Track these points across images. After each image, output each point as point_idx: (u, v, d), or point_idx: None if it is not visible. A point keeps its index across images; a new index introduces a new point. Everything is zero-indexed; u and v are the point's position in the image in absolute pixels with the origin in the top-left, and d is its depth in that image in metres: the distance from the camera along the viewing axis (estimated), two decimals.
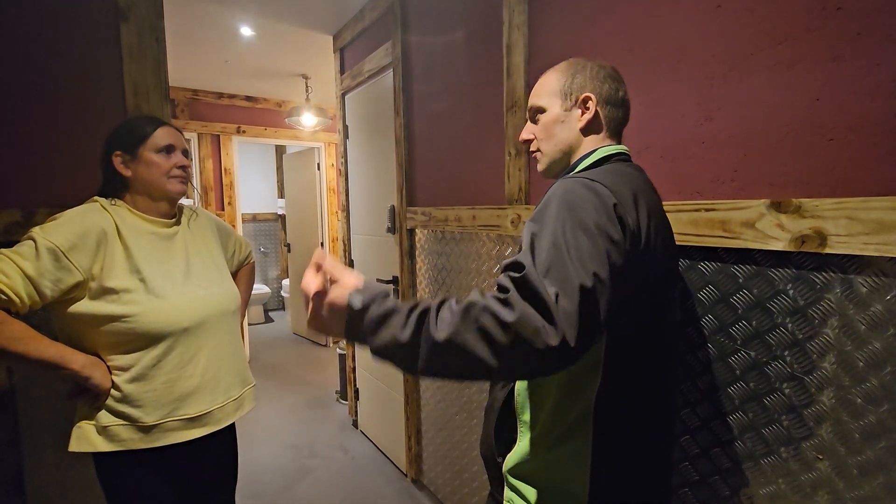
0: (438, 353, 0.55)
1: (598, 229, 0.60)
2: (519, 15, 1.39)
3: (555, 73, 0.83)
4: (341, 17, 2.49)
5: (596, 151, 0.79)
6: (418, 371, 0.57)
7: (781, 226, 0.81)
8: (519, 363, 0.54)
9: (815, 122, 0.80)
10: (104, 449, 0.99)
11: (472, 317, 0.54)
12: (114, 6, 1.34)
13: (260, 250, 5.79)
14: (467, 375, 0.59)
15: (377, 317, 0.59)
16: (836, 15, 0.77)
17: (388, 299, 0.61)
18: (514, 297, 0.54)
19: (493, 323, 0.53)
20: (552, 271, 0.56)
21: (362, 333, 0.60)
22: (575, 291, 0.54)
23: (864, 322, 0.74)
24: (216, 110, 4.05)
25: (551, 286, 0.54)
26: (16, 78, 1.23)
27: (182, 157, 1.10)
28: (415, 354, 0.57)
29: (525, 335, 0.52)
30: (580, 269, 0.56)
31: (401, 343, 0.57)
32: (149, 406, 1.01)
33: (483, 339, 0.53)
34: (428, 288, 2.00)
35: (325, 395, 3.37)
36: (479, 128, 1.63)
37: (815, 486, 0.82)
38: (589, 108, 0.79)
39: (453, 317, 0.56)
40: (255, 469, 2.41)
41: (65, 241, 0.93)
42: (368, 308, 0.60)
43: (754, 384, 0.89)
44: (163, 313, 1.01)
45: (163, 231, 1.10)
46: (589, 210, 0.62)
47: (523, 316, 0.52)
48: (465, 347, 0.54)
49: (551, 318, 0.52)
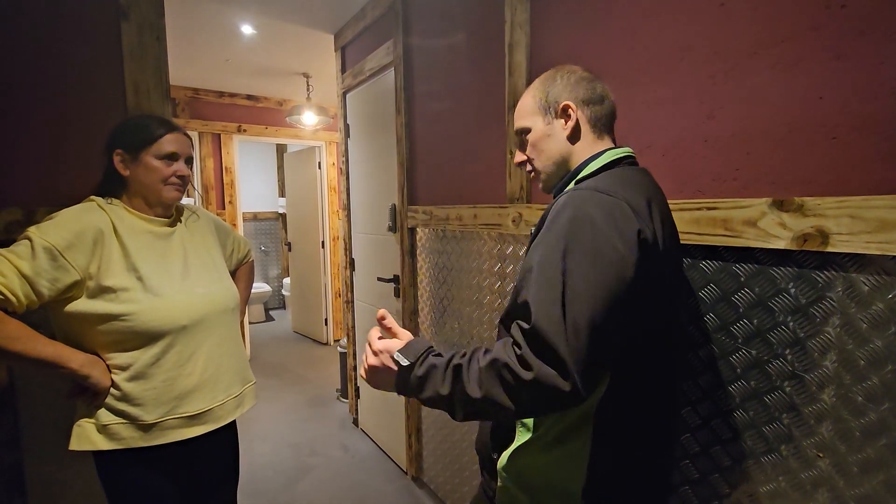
0: (473, 405, 0.66)
1: (607, 256, 0.62)
2: (521, 13, 1.39)
3: (529, 94, 0.86)
4: (342, 15, 2.48)
5: (604, 154, 0.79)
6: (461, 418, 0.68)
7: (783, 224, 0.81)
8: (538, 408, 0.65)
9: (817, 121, 0.80)
10: (104, 447, 0.99)
11: (496, 374, 0.63)
12: (114, 5, 1.34)
13: (261, 249, 5.80)
14: (498, 418, 0.78)
15: (422, 375, 0.70)
16: (840, 13, 0.77)
17: (429, 357, 0.71)
18: (528, 354, 0.61)
19: (514, 380, 0.62)
20: (564, 316, 0.61)
21: (411, 389, 0.71)
22: (584, 335, 0.60)
23: (866, 320, 0.74)
24: (217, 109, 4.05)
25: (559, 336, 0.60)
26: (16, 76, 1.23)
27: (183, 165, 1.09)
28: (454, 405, 0.67)
29: (542, 390, 0.60)
30: (588, 310, 0.60)
31: (443, 397, 0.68)
32: (148, 404, 1.01)
33: (507, 394, 0.63)
34: (429, 286, 2.00)
35: (325, 393, 3.38)
36: (481, 126, 1.63)
37: (816, 483, 0.82)
38: (570, 116, 0.80)
39: (481, 374, 0.65)
40: (256, 467, 2.42)
41: (61, 240, 0.93)
42: (413, 367, 0.71)
43: (755, 382, 0.89)
44: (161, 311, 1.01)
45: (160, 230, 1.10)
46: (599, 234, 0.63)
47: (539, 375, 0.60)
48: (494, 400, 0.64)
49: (565, 373, 0.59)
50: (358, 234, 2.72)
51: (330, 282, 4.47)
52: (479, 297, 1.67)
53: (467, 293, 1.74)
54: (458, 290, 1.80)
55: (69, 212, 0.99)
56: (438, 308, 1.94)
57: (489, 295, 1.62)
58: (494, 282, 1.59)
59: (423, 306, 2.07)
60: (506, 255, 1.53)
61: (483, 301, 1.65)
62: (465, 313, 1.76)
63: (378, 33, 2.28)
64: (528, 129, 0.84)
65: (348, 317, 2.87)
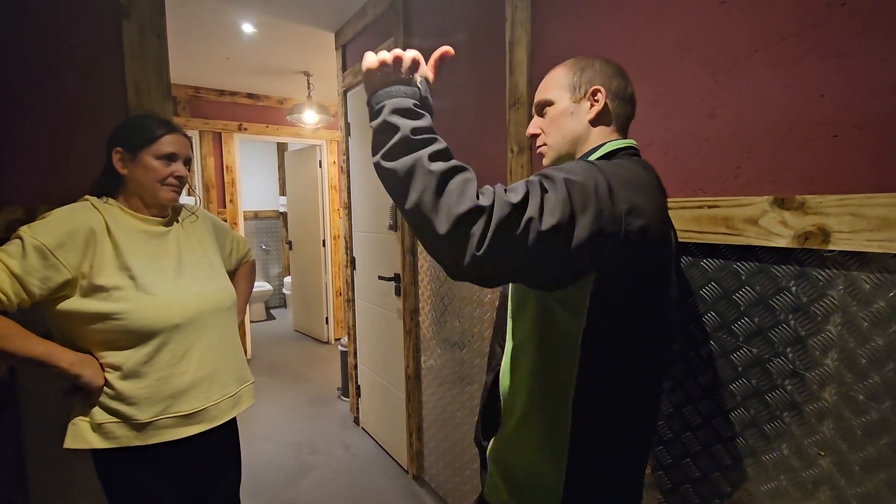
0: (403, 169, 0.60)
1: (598, 193, 0.62)
2: (522, 11, 1.39)
3: (563, 68, 0.83)
4: (343, 13, 2.48)
5: (606, 144, 0.79)
6: (379, 156, 0.62)
7: (784, 223, 0.81)
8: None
9: (819, 119, 0.80)
10: (99, 446, 0.99)
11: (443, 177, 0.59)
12: (115, 3, 1.34)
13: (261, 248, 5.80)
14: (400, 202, 0.62)
15: (409, 109, 0.63)
16: (841, 11, 0.76)
17: (427, 115, 0.65)
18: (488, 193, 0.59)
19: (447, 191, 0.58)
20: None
21: (381, 106, 0.64)
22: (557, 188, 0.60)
23: (867, 319, 0.74)
24: (218, 108, 4.05)
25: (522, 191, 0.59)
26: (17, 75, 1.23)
27: (181, 167, 1.09)
28: (393, 147, 0.61)
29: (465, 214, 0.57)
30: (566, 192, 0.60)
31: (398, 138, 0.61)
32: (142, 403, 1.01)
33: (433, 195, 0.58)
34: (430, 285, 2.00)
35: (326, 392, 3.38)
36: (482, 125, 1.63)
37: (817, 482, 0.82)
38: (598, 101, 0.79)
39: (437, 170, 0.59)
40: (257, 466, 2.42)
41: (52, 239, 0.93)
42: (426, 100, 0.66)
43: (756, 381, 0.89)
44: (153, 310, 1.01)
45: (155, 229, 1.10)
46: (594, 180, 0.63)
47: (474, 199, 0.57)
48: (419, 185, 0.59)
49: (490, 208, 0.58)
50: (359, 232, 2.72)
51: (331, 280, 4.47)
52: (480, 295, 1.67)
53: (468, 291, 1.74)
54: (458, 289, 1.80)
55: (61, 211, 0.99)
56: (439, 306, 1.95)
57: (490, 293, 1.62)
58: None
59: (424, 304, 2.07)
60: None
61: (484, 299, 1.65)
62: (466, 311, 1.76)
63: (379, 31, 2.28)
64: (551, 102, 0.82)
65: (349, 315, 2.87)
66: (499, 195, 0.59)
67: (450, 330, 1.88)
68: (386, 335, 2.44)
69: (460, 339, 1.81)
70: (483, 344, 1.67)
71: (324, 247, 4.49)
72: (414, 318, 2.14)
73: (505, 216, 0.57)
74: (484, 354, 1.66)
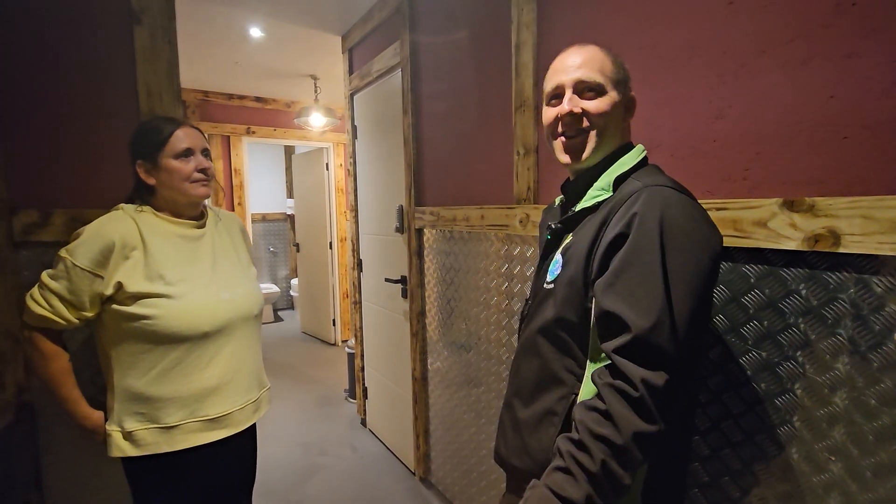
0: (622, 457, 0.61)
1: (707, 247, 0.66)
2: (528, 13, 1.39)
3: (603, 54, 0.78)
4: (350, 17, 2.50)
5: (636, 148, 0.79)
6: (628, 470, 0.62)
7: (794, 225, 0.81)
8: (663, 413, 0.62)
9: (828, 120, 0.79)
10: (132, 454, 1.03)
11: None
12: (128, 10, 1.36)
13: (269, 250, 5.84)
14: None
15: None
16: (851, 11, 0.76)
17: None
18: (653, 405, 0.60)
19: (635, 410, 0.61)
20: (672, 317, 0.62)
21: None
22: (686, 330, 0.62)
23: (879, 322, 0.73)
24: (226, 111, 4.09)
25: (668, 339, 0.61)
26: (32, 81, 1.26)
27: (202, 158, 1.10)
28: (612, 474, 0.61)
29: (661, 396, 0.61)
30: (691, 303, 0.63)
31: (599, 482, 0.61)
32: (169, 407, 1.04)
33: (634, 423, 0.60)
34: (436, 287, 2.01)
35: (333, 393, 3.39)
36: (488, 127, 1.63)
37: (828, 487, 0.81)
38: (631, 111, 0.79)
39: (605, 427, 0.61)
40: (266, 467, 2.43)
41: (90, 256, 0.98)
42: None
43: (766, 385, 0.88)
44: (184, 317, 1.03)
45: (190, 232, 1.11)
46: (695, 231, 0.66)
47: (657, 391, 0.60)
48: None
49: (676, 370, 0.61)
50: (365, 234, 2.73)
51: (338, 282, 4.49)
52: (487, 297, 1.67)
53: (474, 294, 1.74)
54: (465, 291, 1.80)
55: (93, 227, 1.02)
56: (446, 309, 1.95)
57: (496, 296, 1.62)
58: (502, 283, 1.59)
59: (431, 307, 2.07)
60: (513, 255, 1.52)
61: (490, 302, 1.65)
62: (473, 314, 1.76)
63: (385, 35, 2.29)
64: (602, 88, 0.76)
65: (356, 317, 2.88)
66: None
67: (456, 332, 1.88)
68: (393, 337, 2.45)
69: (467, 341, 1.81)
70: (489, 346, 1.67)
71: (331, 249, 4.51)
72: (421, 320, 2.14)
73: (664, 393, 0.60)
74: (490, 357, 1.66)
